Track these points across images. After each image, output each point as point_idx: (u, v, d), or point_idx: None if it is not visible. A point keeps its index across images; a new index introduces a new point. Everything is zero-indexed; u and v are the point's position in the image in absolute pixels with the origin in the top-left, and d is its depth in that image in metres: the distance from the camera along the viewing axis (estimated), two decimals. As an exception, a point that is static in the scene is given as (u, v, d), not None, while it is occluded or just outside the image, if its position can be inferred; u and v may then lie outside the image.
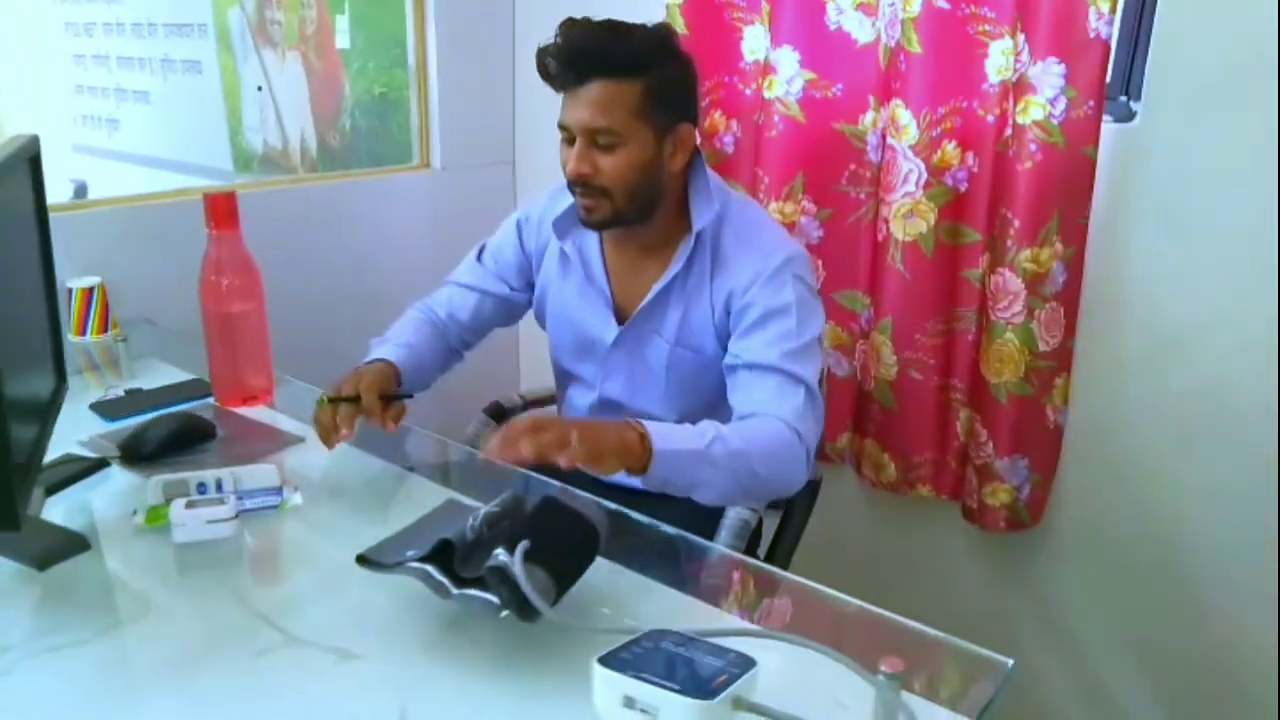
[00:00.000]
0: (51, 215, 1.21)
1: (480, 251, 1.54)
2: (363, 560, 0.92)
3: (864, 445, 1.91)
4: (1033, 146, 1.52)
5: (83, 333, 1.69)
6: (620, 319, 1.41)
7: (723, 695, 0.72)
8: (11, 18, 2.54)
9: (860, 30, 1.72)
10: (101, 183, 3.36)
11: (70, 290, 1.66)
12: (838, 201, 1.82)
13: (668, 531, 1.11)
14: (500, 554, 0.83)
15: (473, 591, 0.84)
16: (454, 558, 0.87)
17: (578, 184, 1.28)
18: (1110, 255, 1.60)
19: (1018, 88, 1.54)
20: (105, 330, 1.70)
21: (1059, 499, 1.74)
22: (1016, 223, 1.57)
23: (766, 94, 1.79)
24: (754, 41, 1.84)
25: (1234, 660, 1.63)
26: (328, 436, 1.22)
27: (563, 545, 0.89)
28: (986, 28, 1.59)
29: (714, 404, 1.33)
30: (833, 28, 1.74)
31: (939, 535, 1.89)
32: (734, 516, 1.36)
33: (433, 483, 1.26)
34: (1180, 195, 1.52)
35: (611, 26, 1.26)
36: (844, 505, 1.97)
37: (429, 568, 0.86)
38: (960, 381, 1.76)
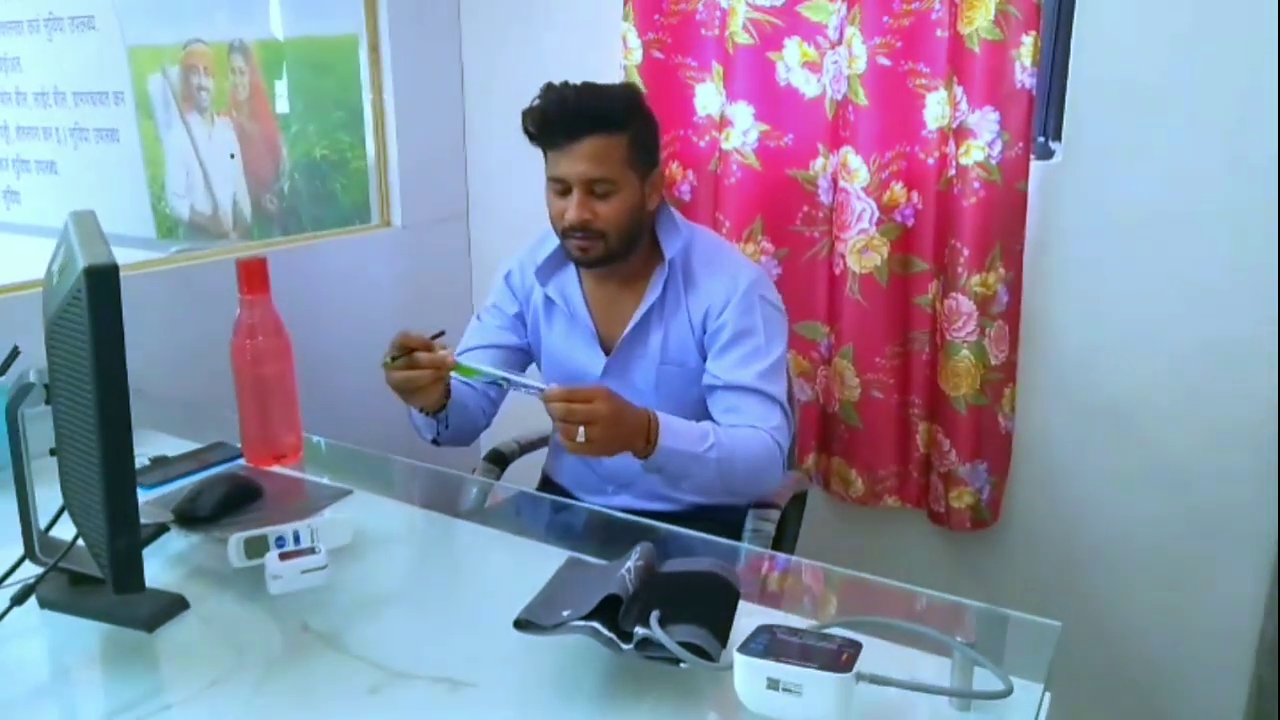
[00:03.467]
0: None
1: (478, 315, 1.64)
2: (522, 625, 0.92)
3: (831, 463, 2.05)
4: (976, 184, 1.72)
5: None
6: (606, 350, 1.53)
7: (854, 670, 0.83)
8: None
9: (807, 86, 1.90)
10: (1, 257, 3.23)
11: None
12: (793, 241, 1.98)
13: (712, 541, 1.22)
14: (640, 631, 0.87)
15: (652, 653, 0.87)
16: (619, 613, 0.90)
17: (578, 230, 1.41)
18: (1043, 277, 1.81)
19: (959, 133, 1.73)
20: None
21: (1011, 497, 1.93)
22: (966, 252, 1.76)
23: (724, 145, 1.94)
24: (706, 98, 1.99)
25: (1163, 627, 1.85)
26: (414, 385, 1.32)
27: (702, 599, 0.93)
28: (923, 81, 1.78)
29: (699, 412, 1.47)
30: (782, 84, 1.91)
31: (907, 541, 2.06)
32: (752, 528, 1.48)
33: (475, 524, 1.35)
34: (1098, 222, 1.74)
35: (594, 89, 1.41)
36: (816, 521, 2.09)
37: (597, 625, 0.88)
38: (918, 398, 1.93)
